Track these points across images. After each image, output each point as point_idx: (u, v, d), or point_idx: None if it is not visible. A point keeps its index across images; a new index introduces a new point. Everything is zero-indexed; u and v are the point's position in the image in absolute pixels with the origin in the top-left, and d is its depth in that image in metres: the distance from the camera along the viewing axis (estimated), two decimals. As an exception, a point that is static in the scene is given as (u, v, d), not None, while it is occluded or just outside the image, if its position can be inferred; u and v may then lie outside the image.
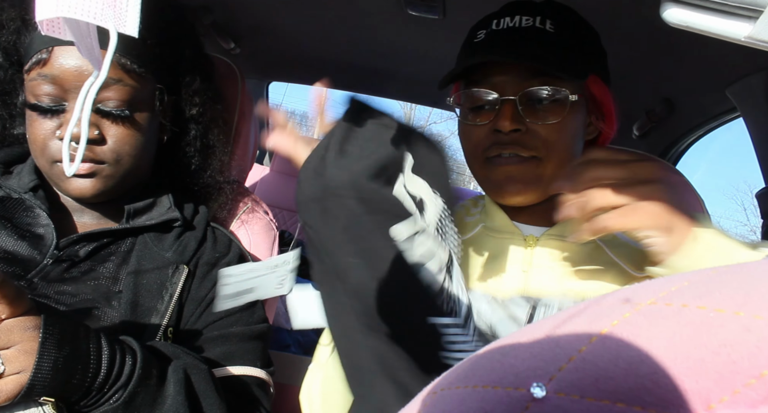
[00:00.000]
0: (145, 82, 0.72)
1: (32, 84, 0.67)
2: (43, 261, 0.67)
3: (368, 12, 1.14)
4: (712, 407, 0.15)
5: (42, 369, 0.49)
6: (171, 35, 0.77)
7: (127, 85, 0.69)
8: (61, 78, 0.66)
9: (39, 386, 0.49)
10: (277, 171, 2.30)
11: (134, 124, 0.71)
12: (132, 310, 0.69)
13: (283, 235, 1.99)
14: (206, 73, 0.85)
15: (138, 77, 0.70)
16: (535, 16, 0.65)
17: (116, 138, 0.70)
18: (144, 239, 0.76)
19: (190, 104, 0.82)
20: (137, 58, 0.70)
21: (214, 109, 0.86)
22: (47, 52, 0.66)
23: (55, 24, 0.35)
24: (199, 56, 0.84)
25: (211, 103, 0.86)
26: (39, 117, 0.68)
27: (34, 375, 0.48)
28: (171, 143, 0.83)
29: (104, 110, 0.68)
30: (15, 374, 0.49)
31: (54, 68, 0.66)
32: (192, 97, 0.82)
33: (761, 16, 0.32)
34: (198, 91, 0.83)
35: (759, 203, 1.13)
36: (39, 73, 0.67)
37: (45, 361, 0.49)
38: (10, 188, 0.72)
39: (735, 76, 1.03)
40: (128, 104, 0.70)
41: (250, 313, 0.79)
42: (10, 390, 0.48)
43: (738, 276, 0.18)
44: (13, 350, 0.49)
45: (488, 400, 0.18)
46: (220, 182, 0.89)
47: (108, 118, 0.69)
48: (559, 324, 0.20)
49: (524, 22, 0.65)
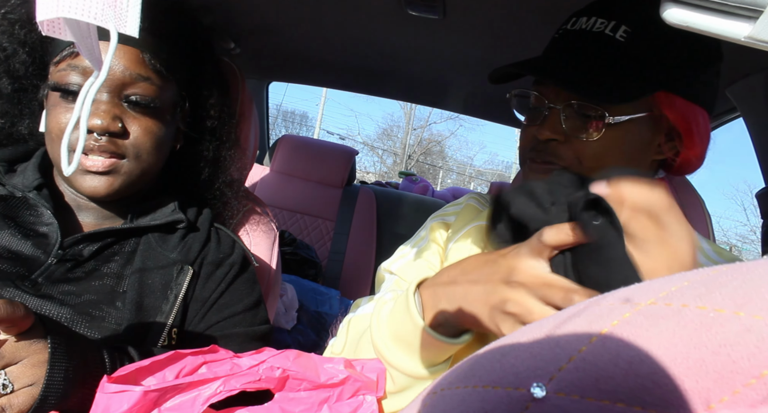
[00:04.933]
0: (170, 85, 0.74)
1: (61, 74, 0.68)
2: (47, 261, 0.67)
3: (368, 12, 1.14)
4: (712, 407, 0.15)
5: (54, 380, 0.48)
6: (193, 49, 0.79)
7: (154, 85, 0.70)
8: (90, 71, 0.67)
9: (52, 397, 0.48)
10: (277, 171, 2.31)
11: (156, 122, 0.72)
12: (136, 310, 0.68)
13: (283, 235, 2.00)
14: (224, 89, 0.87)
15: (164, 80, 0.72)
16: (610, 20, 0.60)
17: (138, 133, 0.70)
18: (148, 239, 0.76)
19: (207, 116, 0.84)
20: (165, 62, 0.71)
21: (230, 124, 0.88)
22: None
23: (55, 24, 0.35)
24: (217, 72, 0.87)
25: (227, 118, 0.87)
26: (64, 103, 0.68)
27: (46, 386, 0.48)
28: (182, 152, 0.84)
29: (131, 101, 0.69)
30: (26, 387, 0.48)
31: (85, 60, 0.67)
32: (209, 110, 0.84)
33: (761, 16, 0.32)
34: (214, 106, 0.84)
35: (759, 203, 1.13)
36: (69, 64, 0.68)
37: (56, 371, 0.49)
38: (14, 186, 0.72)
39: (735, 76, 1.03)
40: (154, 101, 0.71)
41: (254, 314, 0.79)
42: (22, 402, 0.47)
43: (738, 276, 0.18)
44: (21, 365, 0.48)
45: (488, 400, 0.18)
46: (228, 196, 0.90)
47: (133, 111, 0.70)
48: (559, 324, 0.20)
49: (596, 27, 0.61)
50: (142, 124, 0.70)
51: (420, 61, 1.47)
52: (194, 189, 0.87)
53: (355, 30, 1.28)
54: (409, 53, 1.40)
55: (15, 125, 0.78)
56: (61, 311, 0.65)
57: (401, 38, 1.28)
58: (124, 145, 0.70)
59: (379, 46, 1.38)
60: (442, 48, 1.30)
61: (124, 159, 0.70)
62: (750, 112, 1.08)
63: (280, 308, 1.54)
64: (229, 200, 0.90)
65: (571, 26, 0.64)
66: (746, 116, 1.10)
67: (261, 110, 2.36)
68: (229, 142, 0.88)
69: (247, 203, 0.98)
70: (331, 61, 1.63)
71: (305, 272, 1.91)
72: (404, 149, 18.98)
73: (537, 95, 0.65)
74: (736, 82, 1.04)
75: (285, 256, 1.91)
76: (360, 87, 2.03)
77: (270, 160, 2.36)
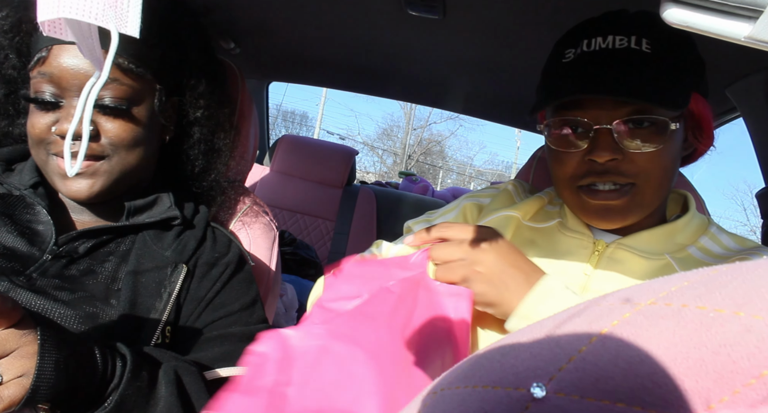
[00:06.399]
0: (143, 81, 0.72)
1: (34, 82, 0.69)
2: (42, 257, 0.68)
3: (368, 12, 1.14)
4: (712, 407, 0.15)
5: (45, 370, 0.49)
6: (175, 37, 0.77)
7: (124, 85, 0.69)
8: (58, 76, 0.67)
9: (44, 386, 0.48)
10: (277, 171, 2.31)
11: (131, 121, 0.71)
12: (130, 308, 0.69)
13: (283, 235, 2.00)
14: (213, 77, 0.85)
15: (135, 77, 0.71)
16: (629, 36, 0.60)
17: (112, 133, 0.70)
18: (143, 237, 0.76)
19: (195, 106, 0.82)
20: (135, 58, 0.70)
21: (221, 112, 0.86)
22: (47, 50, 0.68)
23: (56, 25, 0.35)
24: (206, 59, 0.84)
25: (218, 106, 0.85)
26: (38, 111, 0.69)
27: (37, 377, 0.48)
28: (175, 144, 0.83)
29: (100, 104, 0.69)
30: (16, 378, 0.48)
31: (53, 67, 0.67)
32: (197, 99, 0.82)
33: (761, 16, 0.32)
34: (203, 94, 0.82)
35: (759, 203, 1.13)
36: (39, 71, 0.68)
37: (47, 362, 0.49)
38: (11, 185, 0.72)
39: (735, 76, 1.03)
40: (124, 101, 0.70)
41: (250, 313, 0.79)
42: (13, 394, 0.47)
43: (738, 276, 0.18)
44: (10, 357, 0.48)
45: (488, 400, 0.18)
46: (224, 186, 0.89)
47: (103, 114, 0.69)
48: (559, 324, 0.20)
49: (618, 44, 0.61)
50: (115, 125, 0.70)
51: (420, 61, 1.47)
52: (190, 181, 0.86)
53: (355, 30, 1.28)
54: (409, 53, 1.40)
55: (11, 126, 0.79)
56: (55, 306, 0.65)
57: (401, 38, 1.27)
58: (99, 146, 0.69)
59: (379, 46, 1.38)
60: (442, 48, 1.30)
61: (101, 160, 0.70)
62: (750, 112, 1.08)
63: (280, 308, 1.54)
64: (226, 191, 0.90)
65: (587, 48, 0.63)
66: (746, 116, 1.10)
67: (261, 110, 2.36)
68: (223, 131, 0.87)
69: (247, 203, 0.98)
70: (331, 61, 1.63)
71: (305, 272, 1.91)
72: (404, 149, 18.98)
73: (579, 119, 0.63)
74: (736, 82, 1.04)
75: (285, 256, 1.91)
76: (360, 87, 2.03)
77: (270, 160, 2.36)
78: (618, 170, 0.62)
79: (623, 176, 0.62)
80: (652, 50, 0.60)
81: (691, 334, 0.17)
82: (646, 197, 0.64)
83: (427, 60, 1.43)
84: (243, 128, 1.02)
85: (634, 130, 0.61)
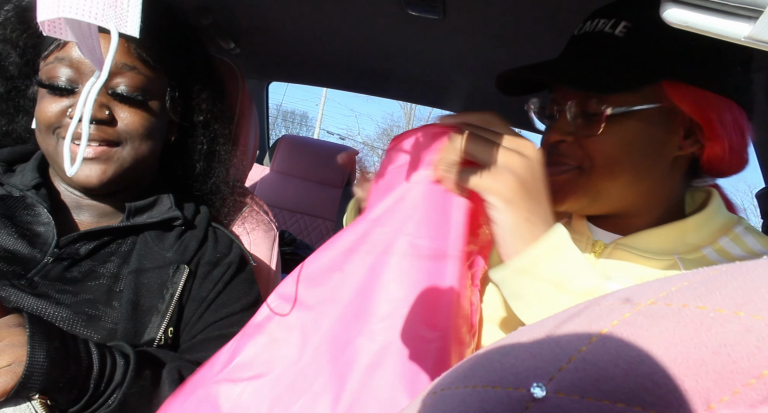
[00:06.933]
0: (158, 75, 0.74)
1: (49, 68, 0.69)
2: (44, 260, 0.68)
3: (368, 12, 1.14)
4: (712, 407, 0.15)
5: (36, 358, 0.49)
6: (182, 44, 0.80)
7: (141, 74, 0.71)
8: (78, 61, 0.68)
9: (37, 374, 0.49)
10: (277, 171, 2.31)
11: (145, 110, 0.72)
12: (132, 310, 0.69)
13: (283, 235, 2.00)
14: (216, 86, 0.88)
15: (151, 69, 0.72)
16: (611, 19, 0.61)
17: (128, 120, 0.71)
18: (145, 238, 0.76)
19: (198, 110, 0.84)
20: (151, 51, 0.72)
21: (223, 120, 0.89)
22: None
23: (56, 24, 0.35)
24: (209, 69, 0.87)
25: (219, 114, 0.88)
26: (50, 96, 0.69)
27: (29, 364, 0.48)
28: (176, 146, 0.84)
29: (117, 92, 0.70)
30: (8, 366, 0.48)
31: (72, 52, 0.68)
32: (200, 104, 0.84)
33: (761, 16, 0.32)
34: (206, 100, 0.85)
35: (759, 203, 1.13)
36: (56, 57, 0.69)
37: (38, 350, 0.49)
38: (12, 185, 0.72)
39: (735, 76, 1.03)
40: (141, 91, 0.71)
41: (251, 313, 0.79)
42: (6, 381, 0.48)
43: (738, 276, 0.18)
44: (1, 345, 0.48)
45: (488, 400, 0.18)
46: (224, 191, 0.90)
47: (119, 101, 0.70)
48: (559, 324, 0.20)
49: (598, 27, 0.63)
50: (130, 112, 0.71)
51: (420, 61, 1.46)
52: (190, 184, 0.87)
53: (355, 30, 1.28)
54: (409, 53, 1.40)
55: (11, 124, 0.79)
56: (58, 310, 0.65)
57: (401, 38, 1.27)
58: (114, 132, 0.70)
59: (379, 46, 1.38)
60: (442, 48, 1.30)
61: (115, 147, 0.71)
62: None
63: (280, 308, 1.54)
64: (225, 196, 0.91)
65: (577, 32, 0.66)
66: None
67: (261, 110, 2.36)
68: (223, 137, 0.89)
69: (247, 203, 0.98)
70: (331, 61, 1.63)
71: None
72: (404, 149, 18.93)
73: (549, 102, 0.66)
74: (736, 82, 1.04)
75: (285, 256, 1.91)
76: (360, 87, 2.03)
77: (270, 160, 2.36)
78: (566, 153, 0.64)
79: (569, 158, 0.64)
80: (625, 34, 0.60)
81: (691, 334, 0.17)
82: (593, 180, 0.63)
83: (427, 60, 1.43)
84: (243, 128, 1.02)
85: (580, 114, 0.63)
